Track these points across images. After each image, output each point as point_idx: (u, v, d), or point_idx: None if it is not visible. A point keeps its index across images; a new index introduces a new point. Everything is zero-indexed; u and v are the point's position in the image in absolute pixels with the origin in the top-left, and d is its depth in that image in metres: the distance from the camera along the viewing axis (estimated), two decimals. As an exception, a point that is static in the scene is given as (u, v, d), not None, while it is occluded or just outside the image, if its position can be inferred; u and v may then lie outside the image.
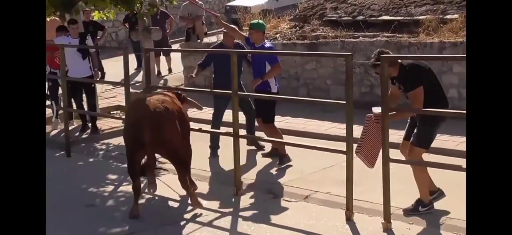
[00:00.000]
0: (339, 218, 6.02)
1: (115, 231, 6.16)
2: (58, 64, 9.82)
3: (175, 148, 6.35)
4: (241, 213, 6.41)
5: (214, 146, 8.52)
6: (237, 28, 8.89)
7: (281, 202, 6.65)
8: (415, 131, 5.91)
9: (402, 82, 5.88)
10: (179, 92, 7.26)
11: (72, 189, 7.28)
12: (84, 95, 10.20)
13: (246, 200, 6.77)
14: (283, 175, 7.48)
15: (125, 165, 8.07)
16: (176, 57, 14.47)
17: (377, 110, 5.87)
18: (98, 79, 10.45)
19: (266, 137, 8.12)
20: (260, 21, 8.57)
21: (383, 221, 5.73)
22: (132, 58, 14.70)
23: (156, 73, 14.11)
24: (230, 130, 7.05)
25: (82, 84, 10.04)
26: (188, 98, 7.24)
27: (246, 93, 8.24)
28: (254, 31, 7.98)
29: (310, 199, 6.65)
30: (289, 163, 7.85)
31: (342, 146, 6.03)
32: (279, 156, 8.01)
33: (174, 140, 6.32)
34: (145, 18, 11.15)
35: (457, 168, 5.48)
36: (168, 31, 14.84)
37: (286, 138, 8.42)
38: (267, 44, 8.17)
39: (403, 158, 6.14)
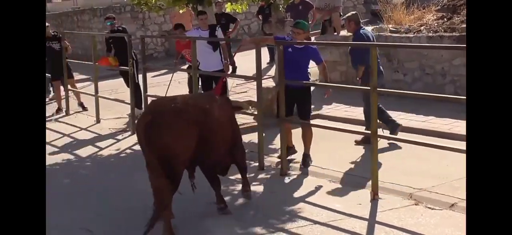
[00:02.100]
0: (490, 230, 5.76)
1: (243, 231, 6.30)
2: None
3: (171, 155, 5.96)
4: (378, 219, 6.31)
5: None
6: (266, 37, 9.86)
7: (423, 210, 6.48)
8: None
9: None
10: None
11: (199, 188, 7.50)
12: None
13: (384, 205, 6.65)
14: (426, 180, 7.27)
15: (256, 164, 8.29)
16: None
17: None
18: (229, 72, 10.70)
19: (403, 138, 7.98)
20: (304, 21, 8.76)
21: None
22: (265, 52, 14.95)
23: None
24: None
25: (213, 78, 10.30)
26: (236, 101, 7.19)
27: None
28: (301, 31, 8.23)
29: (456, 207, 6.42)
30: (432, 168, 7.63)
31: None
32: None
33: (172, 147, 5.95)
34: (281, 9, 11.26)
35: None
36: (310, 22, 14.81)
37: (429, 140, 8.19)
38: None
39: None
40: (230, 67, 11.71)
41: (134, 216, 6.63)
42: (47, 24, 13.96)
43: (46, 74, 14.79)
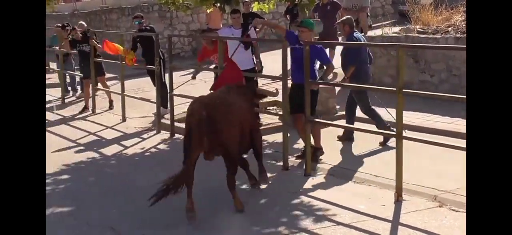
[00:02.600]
0: (515, 234, 5.71)
1: (267, 231, 6.32)
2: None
3: (227, 144, 6.63)
4: (402, 221, 6.30)
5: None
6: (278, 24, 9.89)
7: (448, 212, 6.45)
8: None
9: None
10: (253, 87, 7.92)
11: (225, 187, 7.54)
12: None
13: (408, 207, 6.63)
14: (450, 182, 7.23)
15: (280, 164, 8.30)
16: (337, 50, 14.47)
17: None
18: (258, 71, 10.71)
19: (428, 139, 7.94)
20: (311, 20, 8.83)
21: None
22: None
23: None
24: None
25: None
26: (261, 89, 8.18)
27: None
28: (306, 29, 8.38)
29: (481, 210, 6.37)
30: (457, 170, 7.57)
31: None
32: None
33: (226, 136, 6.61)
34: (306, 10, 11.26)
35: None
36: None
37: (455, 142, 8.13)
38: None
39: None
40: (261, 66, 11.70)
41: (158, 215, 6.69)
42: (80, 23, 14.06)
43: (76, 74, 15.02)
